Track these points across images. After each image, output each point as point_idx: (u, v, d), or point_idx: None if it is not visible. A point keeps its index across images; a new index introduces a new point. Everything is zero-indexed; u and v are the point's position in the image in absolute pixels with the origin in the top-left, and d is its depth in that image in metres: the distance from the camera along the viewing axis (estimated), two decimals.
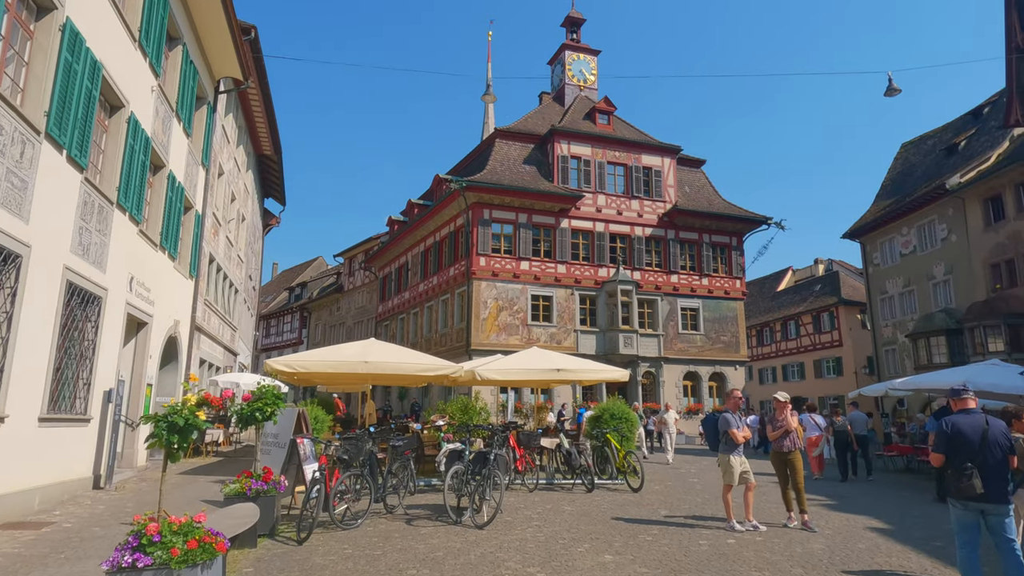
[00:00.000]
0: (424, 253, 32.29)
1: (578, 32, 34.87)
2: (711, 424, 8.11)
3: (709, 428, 8.21)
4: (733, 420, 7.81)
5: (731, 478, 7.69)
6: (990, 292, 24.92)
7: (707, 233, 30.47)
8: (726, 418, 7.86)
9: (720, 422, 7.86)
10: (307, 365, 11.61)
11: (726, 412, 7.95)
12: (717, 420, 7.97)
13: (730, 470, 7.70)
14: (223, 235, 19.42)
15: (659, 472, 14.04)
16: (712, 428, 8.02)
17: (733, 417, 7.86)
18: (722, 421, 7.84)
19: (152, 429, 4.81)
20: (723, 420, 7.84)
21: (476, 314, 26.16)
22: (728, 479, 7.73)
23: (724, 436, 7.79)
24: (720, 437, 7.84)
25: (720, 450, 7.85)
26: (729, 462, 7.71)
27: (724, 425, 7.81)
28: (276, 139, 23.38)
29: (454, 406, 12.21)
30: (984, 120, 30.08)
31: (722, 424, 7.83)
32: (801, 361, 43.03)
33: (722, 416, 7.91)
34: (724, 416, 7.90)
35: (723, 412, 7.98)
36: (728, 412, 7.94)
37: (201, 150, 15.70)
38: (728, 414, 7.90)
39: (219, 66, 16.16)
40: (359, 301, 43.00)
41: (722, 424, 7.83)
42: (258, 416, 7.39)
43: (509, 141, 29.32)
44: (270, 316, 55.38)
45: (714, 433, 7.96)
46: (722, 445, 7.82)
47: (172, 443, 4.72)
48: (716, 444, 7.93)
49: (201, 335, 17.19)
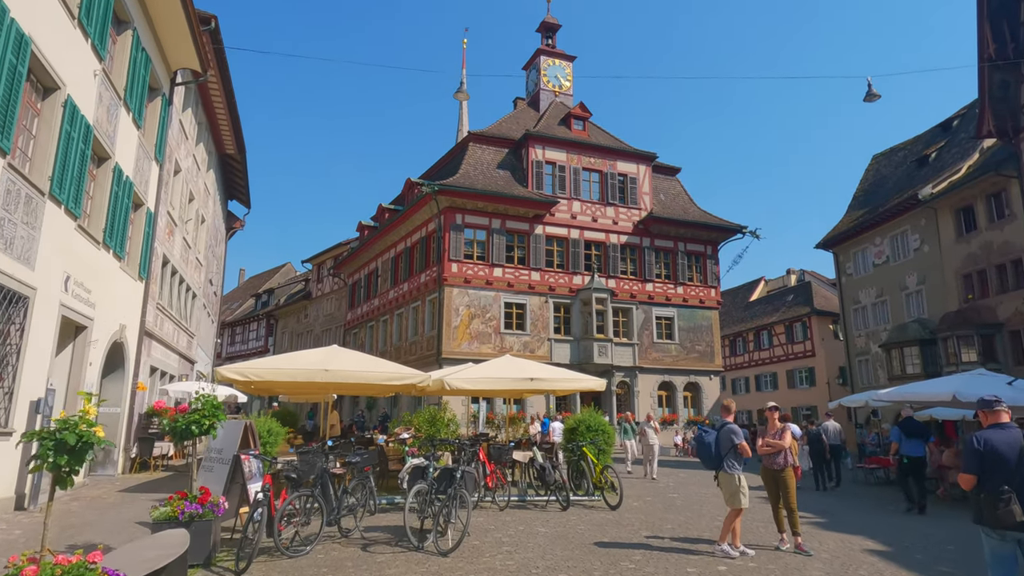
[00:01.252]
0: (394, 259, 31.42)
1: (553, 38, 34.50)
2: (704, 440, 7.24)
3: (705, 443, 7.23)
4: (740, 432, 7.08)
5: (741, 501, 6.90)
6: (962, 302, 24.95)
7: (682, 241, 30.16)
8: (732, 429, 7.04)
9: (724, 435, 7.03)
10: (262, 373, 10.73)
11: (727, 424, 7.15)
12: (714, 434, 7.18)
13: (740, 492, 6.91)
14: (179, 236, 18.38)
15: (636, 487, 13.39)
16: (706, 444, 7.18)
17: (738, 427, 7.14)
18: (727, 433, 7.01)
19: (37, 449, 3.96)
20: (729, 432, 7.00)
21: (447, 322, 25.38)
22: (737, 502, 6.90)
23: (731, 452, 6.97)
24: (724, 453, 7.00)
25: (725, 467, 7.01)
26: (739, 483, 6.91)
27: (730, 439, 6.97)
28: (240, 138, 22.40)
29: (420, 418, 11.45)
30: (954, 132, 30.36)
31: (725, 438, 7.00)
32: (774, 371, 42.99)
33: (727, 428, 7.08)
34: (729, 428, 7.08)
35: (725, 424, 7.16)
36: (730, 423, 7.16)
37: (154, 144, 14.74)
38: (733, 425, 7.12)
39: (176, 56, 15.24)
40: (327, 308, 41.85)
41: (725, 438, 7.00)
42: (194, 430, 6.55)
43: (483, 145, 28.70)
44: (235, 324, 53.75)
45: (712, 449, 7.11)
46: (727, 462, 6.99)
47: (60, 466, 3.89)
48: (715, 461, 7.07)
49: (152, 341, 16.14)
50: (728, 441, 6.96)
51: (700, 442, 7.17)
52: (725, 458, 6.99)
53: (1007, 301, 23.11)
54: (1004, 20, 22.12)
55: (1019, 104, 22.25)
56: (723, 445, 6.99)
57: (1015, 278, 22.99)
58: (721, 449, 7.00)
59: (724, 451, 6.98)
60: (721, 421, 7.32)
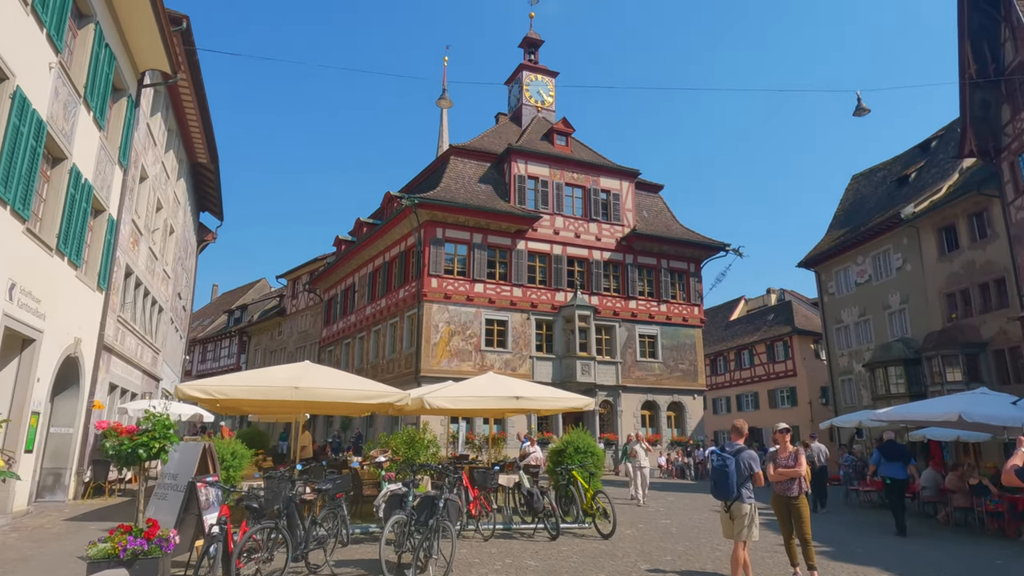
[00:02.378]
0: (372, 274, 30.61)
1: (536, 53, 34.28)
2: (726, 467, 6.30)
3: (726, 472, 6.29)
4: (758, 458, 6.40)
5: (753, 533, 6.23)
6: (946, 322, 24.85)
7: (665, 258, 29.82)
8: (752, 456, 6.32)
9: (743, 460, 6.28)
10: (227, 390, 9.93)
11: (744, 449, 6.39)
12: (733, 460, 6.31)
13: (752, 524, 6.22)
14: (145, 246, 17.47)
15: (626, 513, 12.70)
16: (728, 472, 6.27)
17: (757, 453, 6.47)
18: (745, 460, 6.26)
19: None
20: (748, 459, 6.26)
21: (427, 339, 24.60)
22: (747, 535, 6.21)
23: (748, 479, 6.27)
24: (741, 482, 6.23)
25: (738, 497, 6.25)
26: (753, 514, 6.22)
27: (750, 467, 6.25)
28: (212, 146, 21.59)
29: (398, 439, 10.70)
30: (933, 153, 30.58)
31: (745, 464, 6.25)
32: (755, 391, 42.72)
33: (746, 454, 6.32)
34: (748, 454, 6.33)
35: (740, 449, 6.38)
36: (747, 448, 6.43)
37: (118, 147, 13.92)
38: (751, 452, 6.39)
39: (144, 56, 14.49)
40: (302, 325, 40.76)
41: (745, 464, 6.25)
42: (141, 454, 5.77)
43: (464, 159, 28.18)
44: (206, 340, 52.26)
45: (732, 478, 6.24)
46: (744, 492, 6.26)
47: None
48: (731, 490, 6.24)
49: (112, 356, 15.16)
50: (746, 468, 6.27)
51: (720, 471, 6.30)
52: (741, 487, 6.28)
53: (990, 320, 23.02)
54: (984, 41, 22.31)
55: (1000, 124, 22.36)
56: (740, 473, 6.26)
57: (998, 297, 22.91)
58: (739, 477, 6.25)
59: (741, 479, 6.26)
60: (734, 445, 6.51)
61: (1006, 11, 21.55)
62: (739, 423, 6.74)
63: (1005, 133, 21.96)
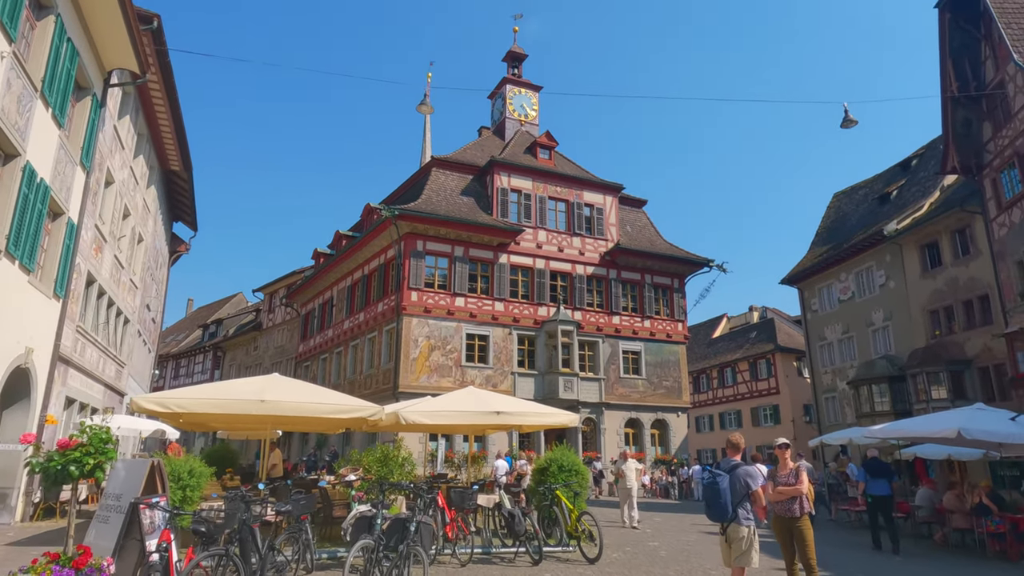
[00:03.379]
0: (351, 287, 29.90)
1: (519, 67, 34.11)
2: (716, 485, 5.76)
3: (719, 490, 5.73)
4: (758, 474, 5.85)
5: (752, 559, 5.68)
6: (930, 339, 24.70)
7: (649, 274, 29.49)
8: (748, 472, 5.77)
9: (739, 478, 5.73)
10: (186, 403, 9.23)
11: (740, 465, 5.86)
12: (726, 477, 5.79)
13: (751, 548, 5.67)
14: (110, 254, 16.68)
15: (611, 535, 12.08)
16: (719, 490, 5.73)
17: (756, 469, 5.90)
18: (741, 477, 5.71)
19: None
20: (743, 476, 5.71)
21: (405, 354, 23.92)
22: (747, 560, 5.67)
23: (746, 499, 5.72)
24: (737, 501, 5.69)
25: (739, 519, 5.71)
26: (751, 537, 5.68)
27: (746, 483, 5.67)
28: (185, 153, 20.90)
29: (370, 457, 10.04)
30: (913, 171, 30.73)
31: (741, 481, 5.70)
32: (738, 409, 42.41)
33: (741, 470, 5.78)
34: (744, 470, 5.79)
35: (736, 465, 5.87)
36: (743, 464, 5.89)
37: (81, 148, 13.23)
38: (749, 467, 5.86)
39: (111, 55, 13.85)
40: (278, 340, 39.79)
41: (741, 481, 5.70)
42: (73, 471, 5.12)
43: (446, 171, 27.73)
44: (180, 355, 50.93)
45: (725, 496, 5.69)
46: (741, 512, 5.71)
47: None
48: (726, 511, 5.70)
49: (69, 368, 14.32)
50: (743, 486, 5.71)
51: (712, 488, 5.75)
52: (738, 507, 5.72)
53: (975, 337, 22.89)
54: (966, 59, 22.45)
55: (982, 141, 22.44)
56: (736, 491, 5.72)
57: (982, 314, 22.81)
58: (734, 496, 5.70)
59: (737, 498, 5.72)
60: (729, 461, 5.98)
61: (986, 29, 21.72)
62: (735, 437, 6.21)
63: (987, 150, 22.02)
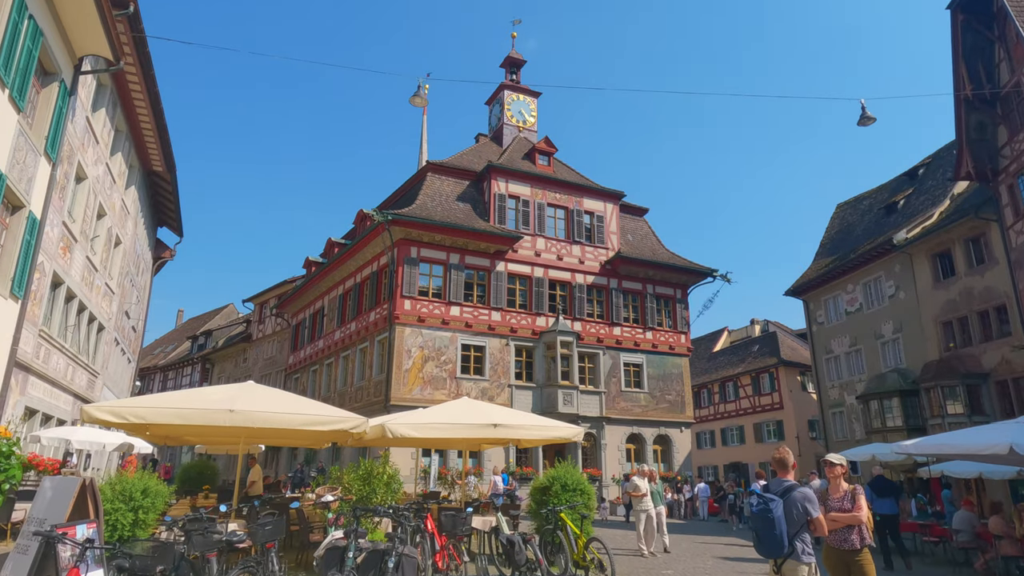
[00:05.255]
0: (342, 296, 28.85)
1: (518, 73, 33.36)
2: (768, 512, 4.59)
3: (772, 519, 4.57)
4: (814, 497, 4.78)
5: None
6: (943, 351, 23.76)
7: (651, 284, 28.53)
8: (805, 495, 4.68)
9: (795, 503, 4.66)
10: (143, 413, 8.18)
11: (795, 487, 4.77)
12: (780, 503, 4.65)
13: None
14: (81, 254, 15.63)
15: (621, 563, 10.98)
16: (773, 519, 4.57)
17: (812, 492, 4.82)
18: (798, 500, 4.63)
19: None
20: (801, 500, 4.65)
21: (398, 365, 22.85)
22: None
23: (803, 528, 4.63)
24: (794, 531, 4.59)
25: (792, 553, 4.56)
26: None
27: (804, 508, 4.63)
28: (168, 153, 19.92)
29: (351, 474, 8.98)
30: (920, 180, 29.98)
31: (799, 507, 4.65)
32: (740, 424, 41.31)
33: (797, 492, 4.68)
34: (801, 492, 4.68)
35: (790, 487, 4.78)
36: (800, 486, 4.81)
37: (45, 137, 12.24)
38: (805, 489, 4.77)
39: (81, 39, 12.90)
40: (268, 351, 38.63)
41: (799, 507, 4.65)
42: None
43: (442, 176, 26.82)
44: (168, 367, 49.66)
45: (779, 526, 4.55)
46: (799, 544, 4.58)
47: None
48: (782, 545, 4.54)
49: (30, 376, 13.22)
50: (800, 512, 4.63)
51: (762, 518, 4.59)
52: (795, 539, 4.63)
53: (992, 350, 21.97)
54: (979, 61, 21.73)
55: (997, 146, 21.67)
56: (793, 520, 4.63)
57: (999, 325, 21.91)
58: (790, 526, 4.60)
59: (794, 528, 4.62)
60: (781, 483, 4.89)
61: (1000, 30, 21.02)
62: (783, 452, 5.08)
63: (1002, 155, 21.23)
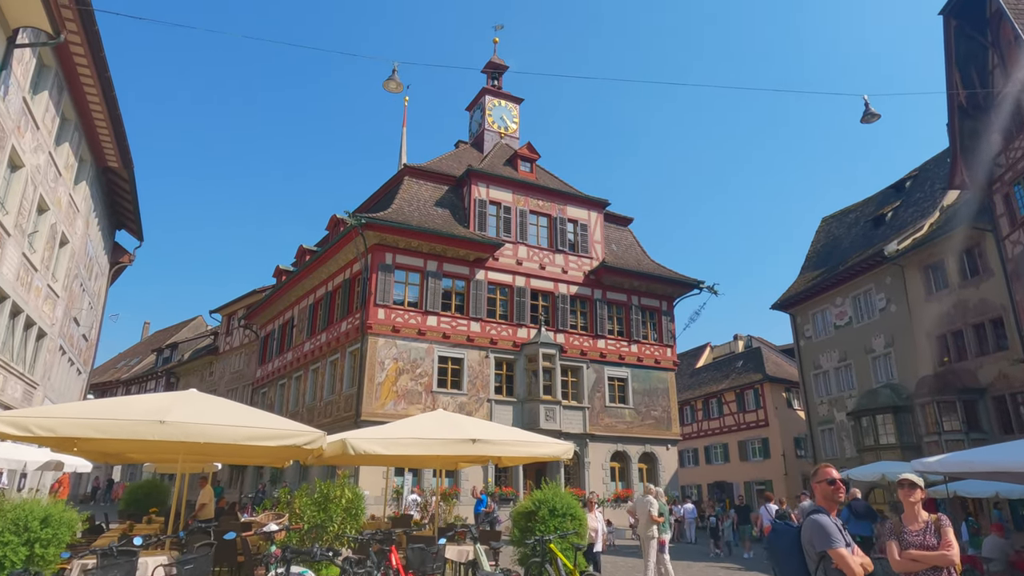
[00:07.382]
0: (313, 306, 27.41)
1: (500, 79, 32.45)
2: (789, 539, 3.72)
3: (785, 546, 3.74)
4: (835, 527, 3.65)
5: None
6: (937, 366, 23.02)
7: (636, 295, 27.53)
8: (813, 524, 3.65)
9: (812, 531, 3.64)
10: (55, 425, 6.87)
11: (816, 511, 3.72)
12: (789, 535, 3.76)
13: None
14: (15, 250, 14.13)
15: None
16: (791, 547, 3.68)
17: (831, 520, 3.69)
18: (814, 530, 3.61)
19: None
20: (815, 528, 3.62)
21: (370, 377, 21.46)
22: None
23: (824, 564, 3.56)
24: (815, 568, 3.57)
25: None
26: None
27: (822, 540, 3.57)
28: (124, 147, 18.50)
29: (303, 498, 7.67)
30: (908, 192, 29.54)
31: (818, 537, 3.61)
32: (725, 442, 40.33)
33: (811, 520, 3.67)
34: (809, 520, 3.69)
35: (813, 511, 3.73)
36: (820, 512, 3.71)
37: None
38: (822, 515, 3.68)
39: (15, 9, 11.60)
40: (236, 364, 36.89)
41: (818, 537, 3.61)
42: None
43: (420, 180, 25.66)
44: (131, 381, 47.49)
45: (794, 557, 3.65)
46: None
47: None
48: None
49: None
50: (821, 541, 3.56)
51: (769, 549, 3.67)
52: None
53: (988, 364, 21.26)
54: (973, 68, 21.23)
55: (991, 154, 21.12)
56: (816, 549, 3.57)
57: (995, 339, 21.23)
58: (809, 562, 3.58)
59: (813, 567, 3.58)
60: (808, 506, 3.83)
61: (994, 35, 20.53)
62: (825, 469, 3.91)
63: (997, 163, 20.65)
